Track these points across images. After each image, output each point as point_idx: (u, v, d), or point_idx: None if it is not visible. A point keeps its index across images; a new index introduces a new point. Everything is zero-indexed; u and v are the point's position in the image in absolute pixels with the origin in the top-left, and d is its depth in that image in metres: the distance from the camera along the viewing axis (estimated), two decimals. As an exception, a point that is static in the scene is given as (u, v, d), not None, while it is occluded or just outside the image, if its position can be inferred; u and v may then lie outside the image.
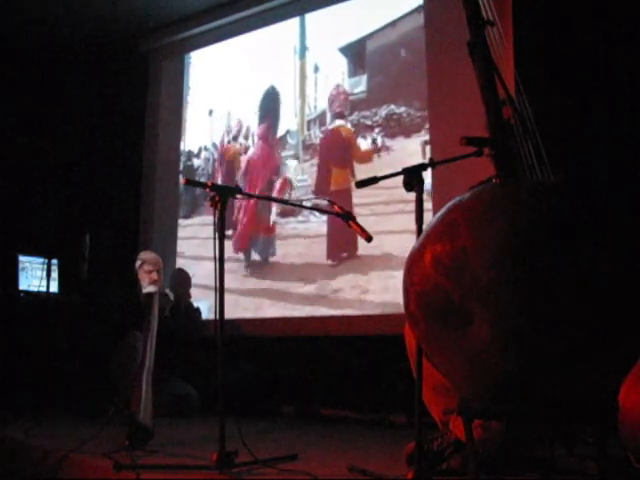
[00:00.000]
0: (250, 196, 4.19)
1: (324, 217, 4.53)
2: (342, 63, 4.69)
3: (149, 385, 2.96)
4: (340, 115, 4.62)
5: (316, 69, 4.83)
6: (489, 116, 1.92)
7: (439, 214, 1.65)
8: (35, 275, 4.91)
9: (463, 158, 2.09)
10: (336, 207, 2.68)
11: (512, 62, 2.79)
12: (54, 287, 4.87)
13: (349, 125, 4.57)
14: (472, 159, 2.04)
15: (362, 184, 2.28)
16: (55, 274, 4.82)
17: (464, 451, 2.07)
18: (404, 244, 3.94)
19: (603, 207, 1.60)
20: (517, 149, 1.98)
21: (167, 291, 4.48)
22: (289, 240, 4.73)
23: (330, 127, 4.67)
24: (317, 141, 4.75)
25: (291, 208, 4.71)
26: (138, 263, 3.51)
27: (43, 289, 4.69)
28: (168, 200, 5.48)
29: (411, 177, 2.12)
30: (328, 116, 4.69)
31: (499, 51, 2.09)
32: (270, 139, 5.03)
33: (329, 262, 4.48)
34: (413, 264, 1.65)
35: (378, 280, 4.19)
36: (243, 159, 5.14)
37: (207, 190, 2.56)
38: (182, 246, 5.33)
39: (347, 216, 2.64)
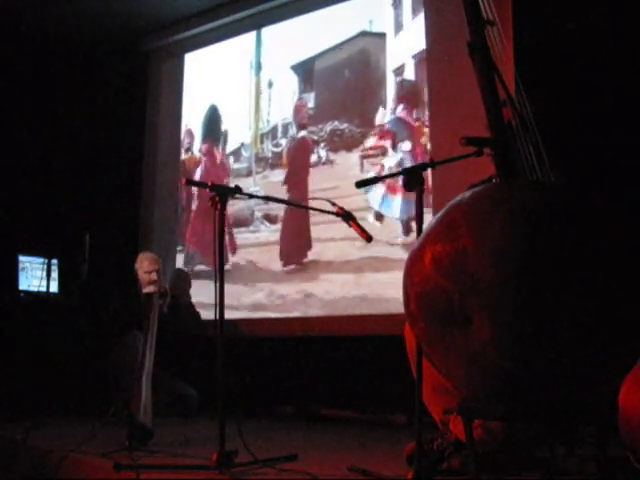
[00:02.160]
0: (250, 196, 4.18)
1: (273, 226, 4.77)
2: (294, 80, 4.91)
3: (149, 385, 2.96)
4: (305, 126, 4.80)
5: (270, 85, 5.03)
6: (489, 116, 1.92)
7: (439, 214, 1.65)
8: (35, 275, 4.90)
9: (463, 158, 2.09)
10: (337, 207, 2.68)
11: (512, 62, 2.79)
12: (54, 287, 4.87)
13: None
14: (472, 159, 2.04)
15: (362, 184, 2.28)
16: (55, 274, 4.82)
17: (464, 451, 2.07)
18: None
19: (603, 207, 1.60)
20: (517, 149, 1.98)
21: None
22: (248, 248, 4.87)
23: (298, 136, 4.82)
24: (269, 154, 4.95)
25: (244, 218, 4.92)
26: (138, 263, 3.52)
27: (43, 289, 4.69)
28: (168, 200, 5.48)
29: (411, 177, 2.13)
30: (293, 126, 4.85)
31: (499, 51, 2.08)
32: (215, 155, 5.20)
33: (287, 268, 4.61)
34: (413, 264, 1.65)
35: (375, 281, 4.20)
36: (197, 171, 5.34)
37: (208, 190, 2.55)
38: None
39: (347, 216, 2.64)
